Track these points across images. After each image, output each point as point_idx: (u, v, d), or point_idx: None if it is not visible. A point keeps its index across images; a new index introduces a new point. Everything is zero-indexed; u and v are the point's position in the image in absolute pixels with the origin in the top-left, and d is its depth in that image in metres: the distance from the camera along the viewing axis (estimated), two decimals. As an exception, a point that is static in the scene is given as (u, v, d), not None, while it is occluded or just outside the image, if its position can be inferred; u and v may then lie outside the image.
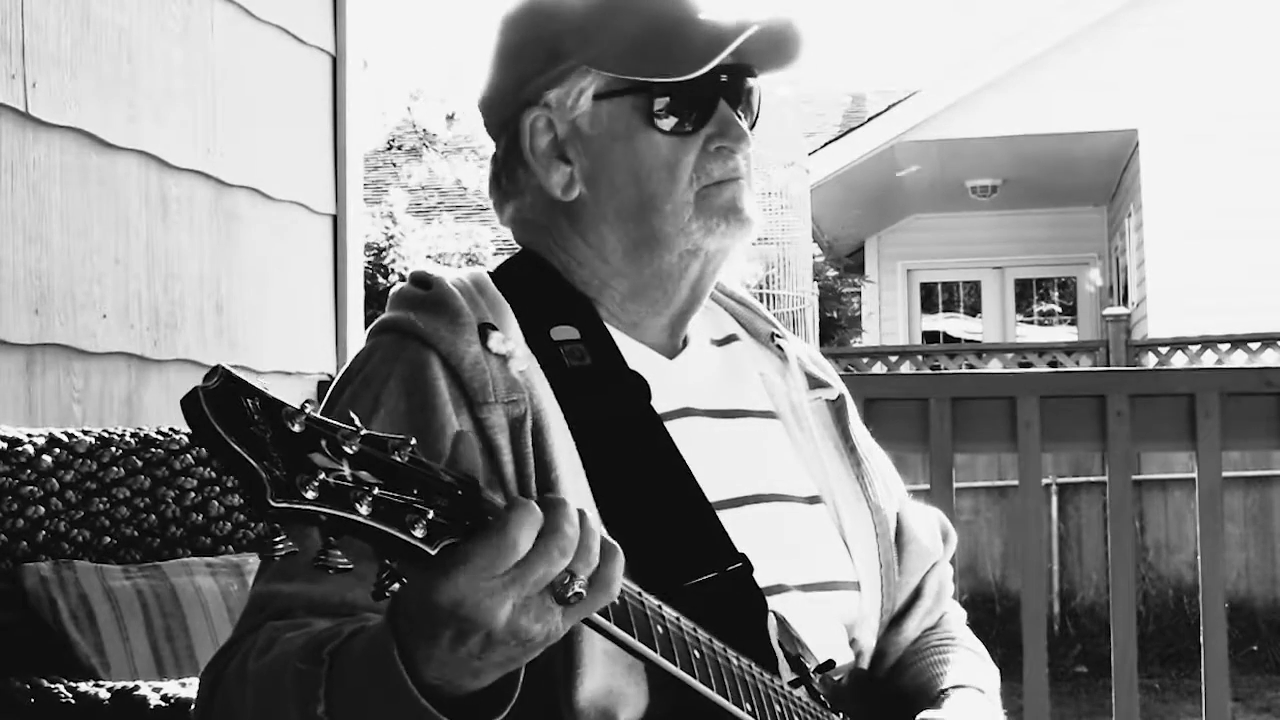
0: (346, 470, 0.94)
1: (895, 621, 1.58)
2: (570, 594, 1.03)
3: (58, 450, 2.27)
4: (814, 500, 1.51)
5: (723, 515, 1.39)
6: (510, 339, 1.37)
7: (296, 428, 0.92)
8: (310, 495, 0.91)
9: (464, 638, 1.03)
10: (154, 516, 2.34)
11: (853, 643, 1.50)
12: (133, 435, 2.38)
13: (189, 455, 2.40)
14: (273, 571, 1.28)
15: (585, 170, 1.45)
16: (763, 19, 1.41)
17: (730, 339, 1.59)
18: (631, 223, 1.44)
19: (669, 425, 1.42)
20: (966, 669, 1.54)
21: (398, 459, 0.97)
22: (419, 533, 0.97)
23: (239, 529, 2.42)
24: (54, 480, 2.24)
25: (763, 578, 1.38)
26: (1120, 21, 12.90)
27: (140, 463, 2.35)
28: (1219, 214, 12.51)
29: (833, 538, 1.51)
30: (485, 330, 1.36)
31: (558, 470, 1.32)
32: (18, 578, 2.15)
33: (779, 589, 1.41)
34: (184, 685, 1.91)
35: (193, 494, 2.38)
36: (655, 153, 1.42)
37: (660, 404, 1.43)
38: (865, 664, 1.53)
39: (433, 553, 0.98)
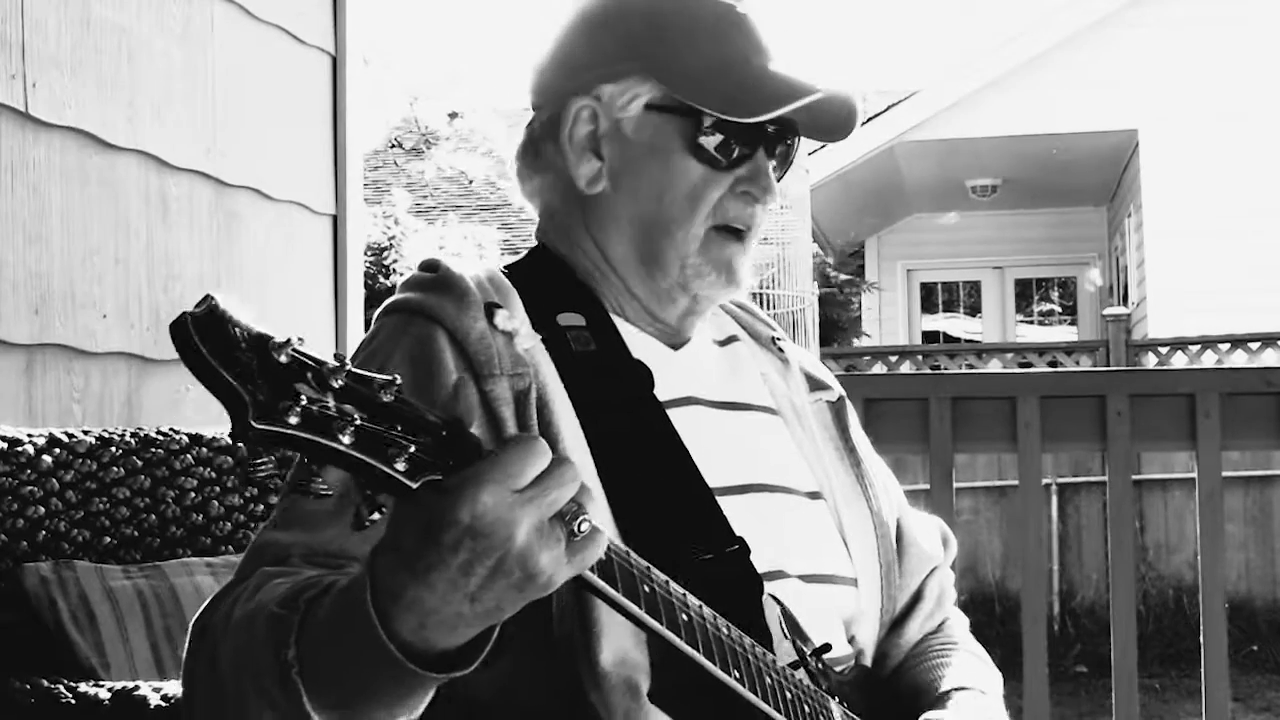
0: (331, 401, 0.95)
1: (896, 625, 1.59)
2: (579, 524, 1.05)
3: (58, 450, 2.27)
4: (815, 496, 1.52)
5: (724, 501, 1.40)
6: (516, 318, 1.39)
7: (283, 359, 0.94)
8: (293, 420, 0.93)
9: (472, 565, 1.02)
10: (154, 516, 2.34)
11: (851, 639, 1.51)
12: (133, 435, 2.38)
13: (189, 455, 2.40)
14: (274, 521, 1.30)
15: (614, 170, 1.47)
16: (830, 89, 1.44)
17: (731, 339, 1.61)
18: (641, 235, 1.47)
19: (673, 413, 1.44)
20: (968, 671, 1.54)
21: (384, 397, 0.99)
22: (401, 466, 0.99)
23: (239, 529, 2.42)
24: (54, 480, 2.24)
25: (763, 563, 1.39)
26: (1120, 21, 12.90)
27: (140, 463, 2.35)
28: (1219, 214, 12.51)
29: (832, 534, 1.51)
30: (491, 308, 1.38)
31: (564, 443, 1.34)
32: (18, 578, 2.15)
33: (779, 574, 1.42)
34: (184, 685, 1.91)
35: (193, 494, 2.38)
36: (685, 178, 1.45)
37: (664, 392, 1.45)
38: (867, 662, 1.53)
39: (414, 486, 0.99)
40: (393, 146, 12.67)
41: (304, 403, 0.93)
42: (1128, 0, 12.89)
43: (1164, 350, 11.72)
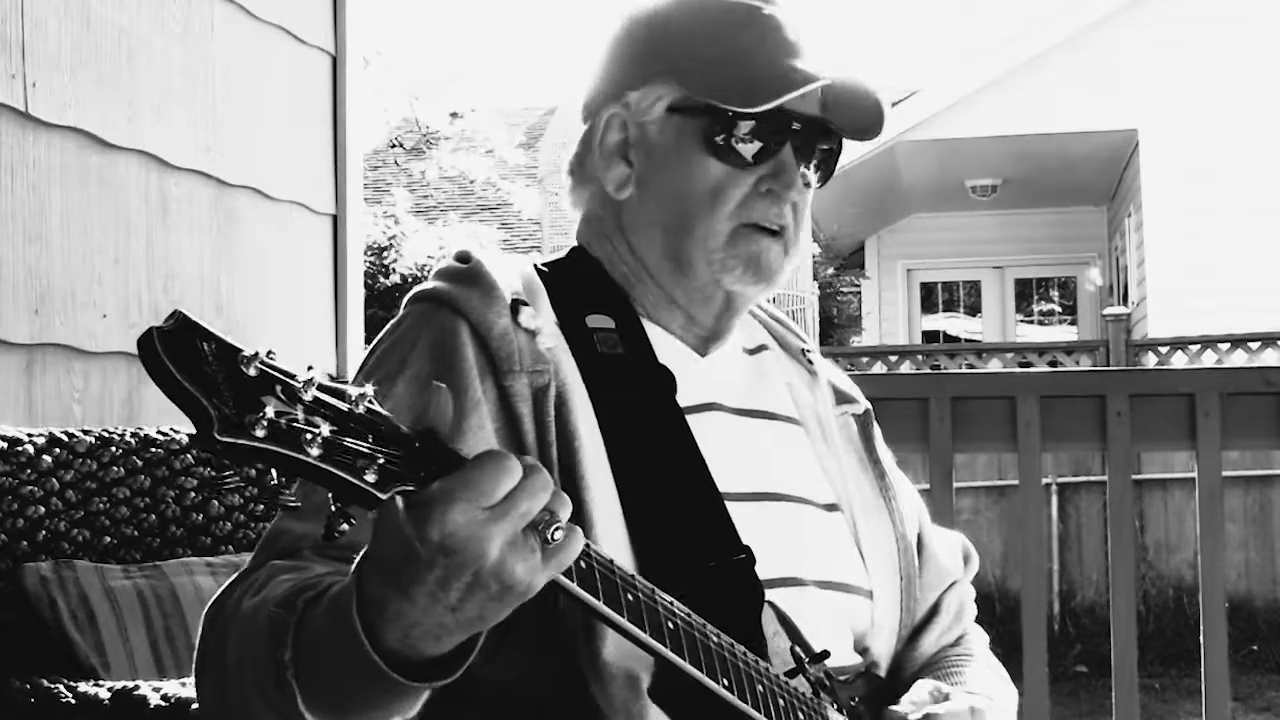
0: (300, 414, 0.95)
1: (912, 637, 1.59)
2: (552, 531, 1.05)
3: (58, 450, 2.27)
4: (832, 508, 1.53)
5: (739, 508, 1.41)
6: (540, 316, 1.40)
7: (251, 372, 0.94)
8: (259, 434, 0.93)
9: (449, 581, 1.03)
10: (154, 516, 2.34)
11: (864, 651, 1.51)
12: (133, 435, 2.38)
13: (189, 455, 2.40)
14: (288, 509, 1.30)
15: (641, 175, 1.48)
16: (834, 76, 1.43)
17: (761, 348, 1.62)
18: (667, 237, 1.47)
19: (694, 418, 1.44)
20: (980, 682, 1.55)
21: (355, 408, 0.99)
22: (370, 477, 0.99)
23: (239, 529, 2.42)
24: (54, 480, 2.24)
25: (778, 569, 1.39)
26: (1120, 21, 12.90)
27: (140, 463, 2.35)
28: (1219, 214, 12.52)
29: (848, 545, 1.52)
30: (516, 305, 1.39)
31: (580, 440, 1.34)
32: (18, 578, 2.15)
33: (795, 581, 1.42)
34: (184, 685, 1.91)
35: (193, 494, 2.38)
36: (705, 177, 1.45)
37: (687, 397, 1.45)
38: (882, 674, 1.53)
39: (383, 497, 1.00)
40: (393, 146, 12.67)
41: (271, 415, 0.93)
42: (1128, 0, 12.89)
43: (1164, 350, 11.72)
